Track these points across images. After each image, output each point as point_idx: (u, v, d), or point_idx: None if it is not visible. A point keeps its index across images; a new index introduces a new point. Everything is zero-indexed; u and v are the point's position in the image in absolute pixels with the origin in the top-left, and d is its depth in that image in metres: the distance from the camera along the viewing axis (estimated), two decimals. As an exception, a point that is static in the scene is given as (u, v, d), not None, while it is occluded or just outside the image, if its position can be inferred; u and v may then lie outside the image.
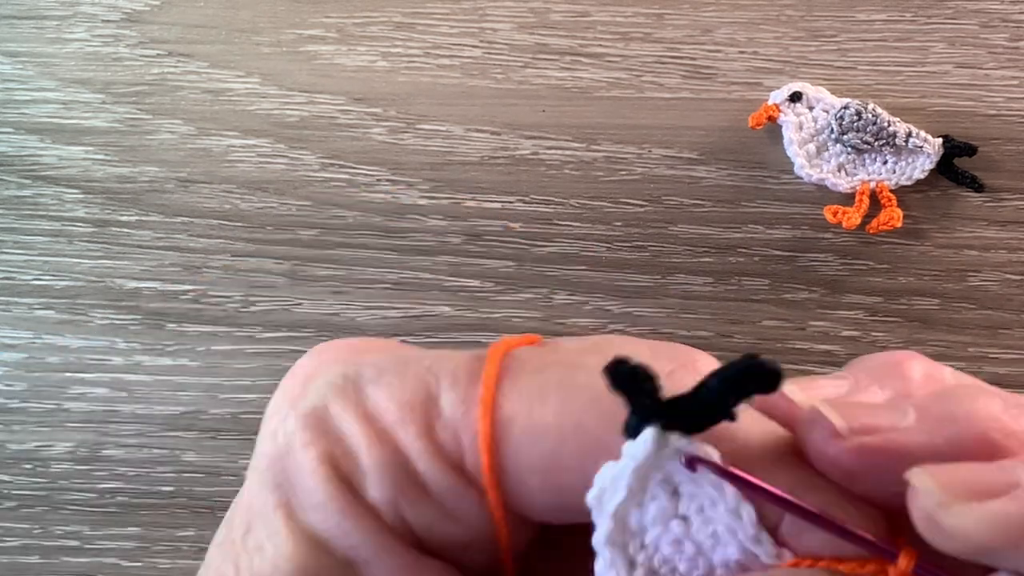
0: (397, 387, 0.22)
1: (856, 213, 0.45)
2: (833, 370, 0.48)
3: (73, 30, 0.47)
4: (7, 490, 0.49)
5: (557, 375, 0.22)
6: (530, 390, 0.22)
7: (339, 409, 0.22)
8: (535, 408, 0.21)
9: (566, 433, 0.21)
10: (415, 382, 0.22)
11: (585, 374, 0.21)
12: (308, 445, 0.22)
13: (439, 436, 0.22)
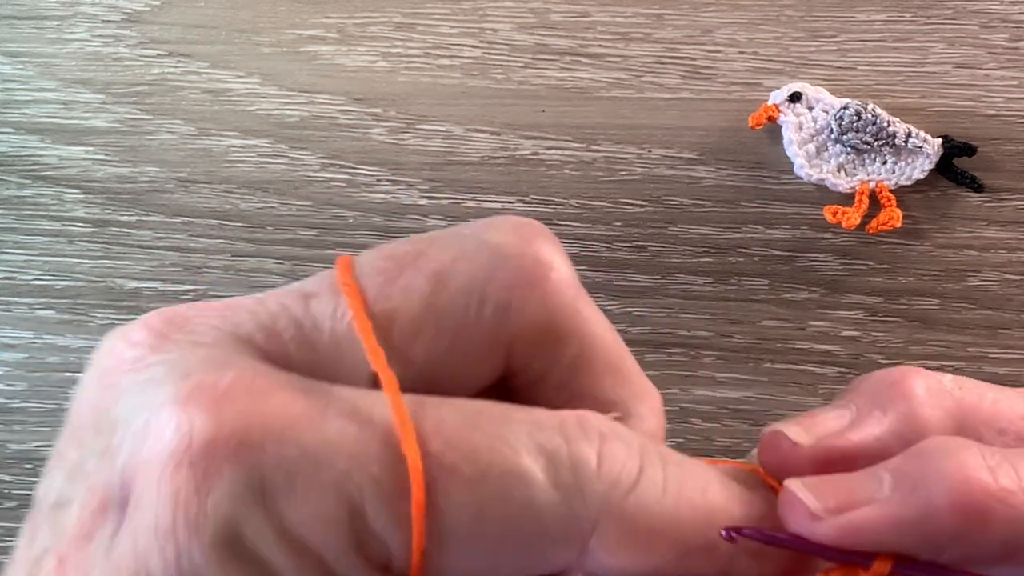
0: (316, 501, 0.20)
1: (856, 213, 0.46)
2: (833, 370, 0.49)
3: (73, 30, 0.47)
4: (8, 490, 0.49)
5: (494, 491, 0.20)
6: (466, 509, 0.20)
7: (255, 532, 0.20)
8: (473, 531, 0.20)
9: (505, 553, 0.21)
10: (335, 493, 0.20)
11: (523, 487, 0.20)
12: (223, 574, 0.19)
13: (368, 549, 0.20)
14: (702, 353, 0.48)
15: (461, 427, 0.21)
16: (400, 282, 0.22)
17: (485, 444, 0.21)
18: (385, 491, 0.20)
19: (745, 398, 0.48)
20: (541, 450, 0.21)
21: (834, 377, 0.48)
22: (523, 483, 0.20)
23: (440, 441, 0.20)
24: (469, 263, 0.22)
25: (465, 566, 0.21)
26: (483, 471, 0.20)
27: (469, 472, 0.20)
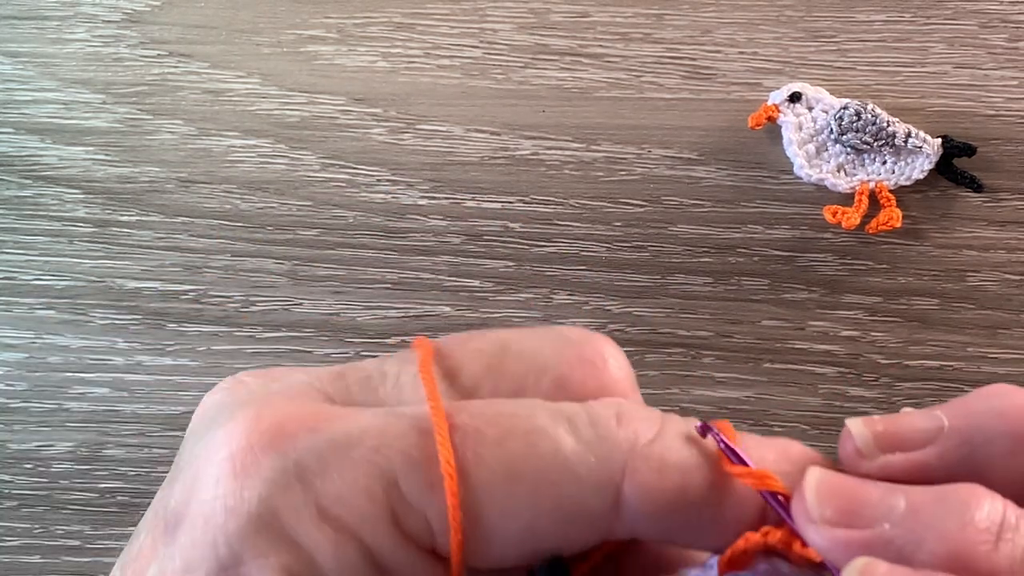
0: (349, 476, 0.21)
1: (855, 213, 0.46)
2: (832, 370, 0.49)
3: (74, 30, 0.47)
4: (8, 490, 0.49)
5: (519, 447, 0.21)
6: (497, 469, 0.21)
7: (289, 511, 0.20)
8: (508, 488, 0.21)
9: (542, 510, 0.21)
10: (368, 468, 0.21)
11: (547, 439, 0.21)
12: (261, 557, 0.20)
13: (405, 523, 0.21)
14: (702, 353, 0.48)
15: (486, 405, 0.22)
16: (469, 345, 0.24)
17: (507, 411, 0.22)
18: (414, 459, 0.21)
19: (745, 398, 0.48)
20: (560, 414, 0.22)
21: (834, 377, 0.48)
22: (547, 437, 0.21)
23: (467, 415, 0.21)
24: (536, 338, 0.24)
25: (505, 530, 0.21)
26: (507, 430, 0.21)
27: (494, 433, 0.21)
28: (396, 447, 0.21)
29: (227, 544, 0.20)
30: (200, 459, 0.22)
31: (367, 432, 0.21)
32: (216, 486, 0.21)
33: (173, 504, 0.22)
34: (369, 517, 0.21)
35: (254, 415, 0.22)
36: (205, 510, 0.21)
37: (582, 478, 0.21)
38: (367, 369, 0.24)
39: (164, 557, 0.21)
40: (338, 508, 0.21)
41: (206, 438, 0.22)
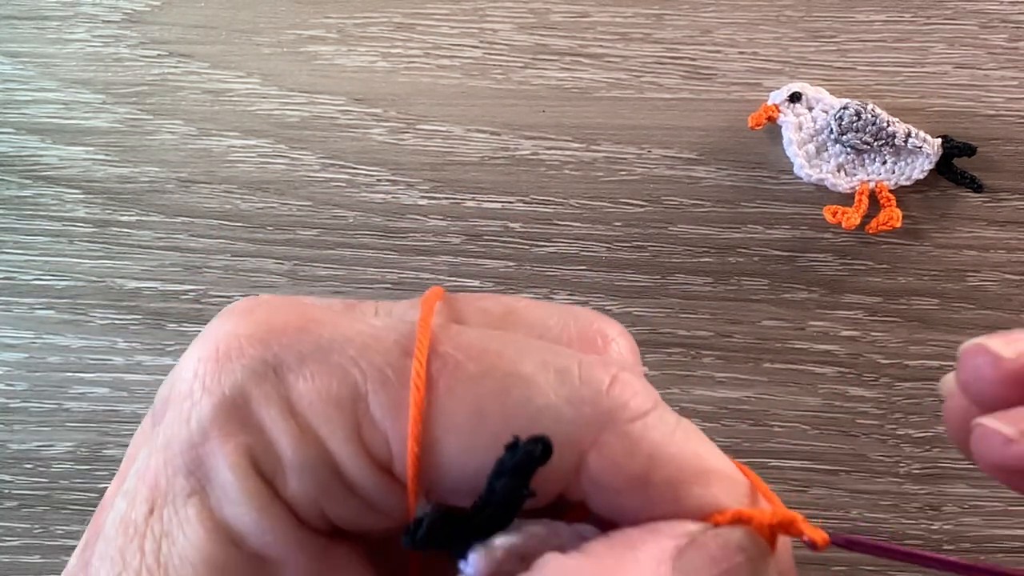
0: (322, 380, 0.21)
1: (855, 213, 0.46)
2: (832, 370, 0.49)
3: (74, 30, 0.47)
4: (8, 490, 0.49)
5: (494, 387, 0.21)
6: (466, 404, 0.21)
7: (260, 399, 0.21)
8: (471, 428, 0.21)
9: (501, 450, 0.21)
10: (341, 376, 0.21)
11: (523, 387, 0.21)
12: (226, 436, 0.21)
13: (367, 437, 0.21)
14: (702, 353, 0.48)
15: (477, 338, 0.22)
16: (477, 303, 0.24)
17: (494, 350, 0.21)
18: (387, 378, 0.21)
19: (745, 398, 0.48)
20: (549, 364, 0.21)
21: (833, 377, 0.48)
22: (524, 384, 0.21)
23: (451, 345, 0.21)
24: (542, 309, 0.24)
25: (462, 466, 0.21)
26: (486, 370, 0.21)
27: (473, 369, 0.21)
28: (374, 362, 0.21)
29: (198, 421, 0.21)
30: (191, 347, 0.23)
31: (351, 341, 0.21)
32: (198, 366, 0.22)
33: (164, 391, 0.23)
34: (333, 423, 0.21)
35: (248, 312, 0.22)
36: (184, 389, 0.22)
37: (550, 433, 0.20)
38: (376, 303, 0.24)
39: (151, 437, 0.23)
40: (305, 407, 0.21)
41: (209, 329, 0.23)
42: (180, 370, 0.22)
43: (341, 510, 0.21)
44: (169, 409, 0.22)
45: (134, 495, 0.22)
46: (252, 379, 0.21)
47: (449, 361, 0.21)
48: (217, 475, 0.21)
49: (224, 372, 0.22)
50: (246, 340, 0.22)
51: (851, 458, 0.48)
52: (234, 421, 0.21)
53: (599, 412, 0.21)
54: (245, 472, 0.21)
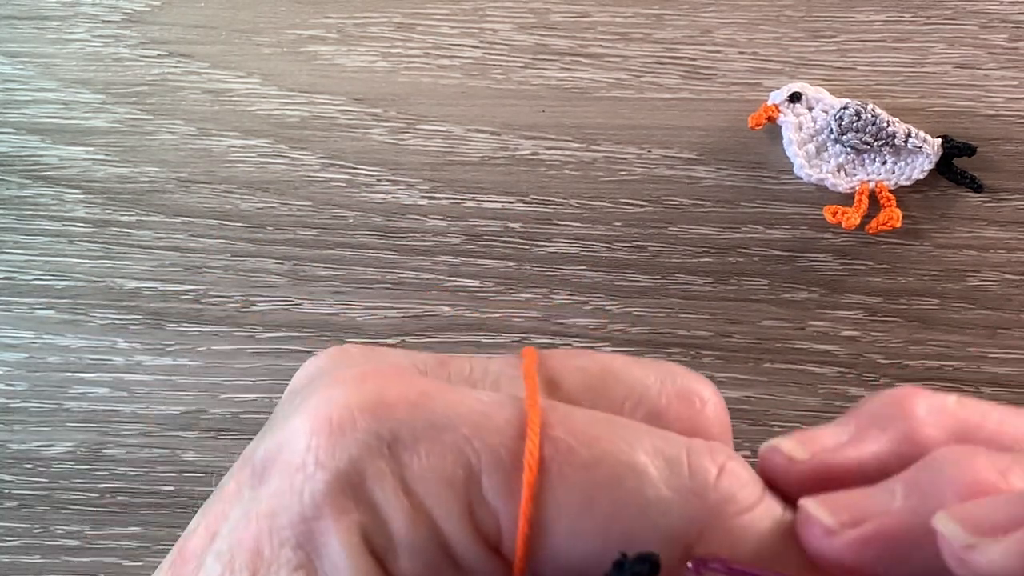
0: (436, 458, 0.21)
1: (855, 213, 0.46)
2: (832, 370, 0.49)
3: (74, 30, 0.47)
4: (8, 490, 0.49)
5: (606, 476, 0.21)
6: (576, 492, 0.21)
7: (375, 476, 0.21)
8: (581, 513, 0.21)
9: (610, 542, 0.21)
10: (455, 455, 0.21)
11: (635, 477, 0.21)
12: (340, 513, 0.21)
13: (478, 517, 0.21)
14: (702, 353, 0.48)
15: (586, 422, 0.22)
16: (573, 362, 0.24)
17: (605, 436, 0.21)
18: (501, 460, 0.21)
19: (745, 398, 0.48)
20: (660, 453, 0.21)
21: (833, 377, 0.48)
22: (636, 474, 0.21)
23: (563, 429, 0.21)
24: (640, 367, 0.24)
25: (569, 551, 0.21)
26: (598, 457, 0.21)
27: (585, 456, 0.21)
28: (488, 442, 0.21)
29: (312, 495, 0.21)
30: (298, 414, 0.22)
31: (465, 419, 0.21)
32: (311, 439, 0.22)
33: (263, 453, 0.22)
34: (446, 502, 0.21)
35: (359, 380, 0.22)
36: (297, 461, 0.21)
37: (658, 526, 0.21)
38: (471, 362, 0.24)
39: (250, 500, 0.22)
40: (419, 485, 0.21)
41: (307, 396, 0.23)
42: (289, 438, 0.22)
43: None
44: (274, 476, 0.22)
45: (231, 559, 0.22)
46: (367, 455, 0.21)
47: (562, 446, 0.21)
48: (328, 551, 0.21)
49: (339, 446, 0.21)
50: (359, 413, 0.22)
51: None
52: (348, 497, 0.21)
53: (707, 506, 0.21)
54: (358, 550, 0.21)
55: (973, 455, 0.22)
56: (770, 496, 0.22)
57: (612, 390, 0.23)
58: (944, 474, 0.21)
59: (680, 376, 0.24)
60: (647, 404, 0.23)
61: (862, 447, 0.23)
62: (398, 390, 0.22)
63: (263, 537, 0.21)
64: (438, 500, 0.21)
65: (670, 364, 0.24)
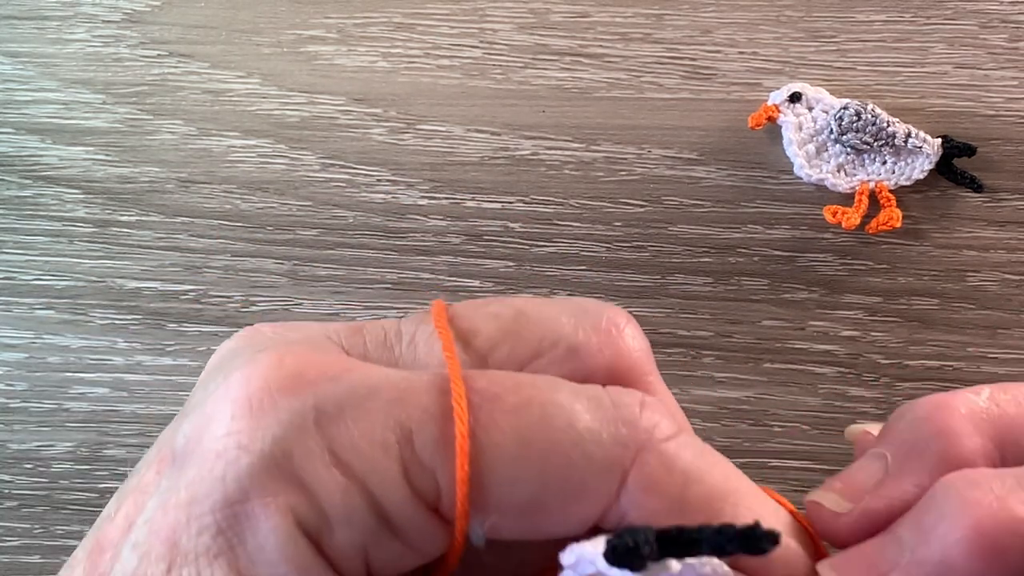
0: (364, 426, 0.21)
1: (855, 213, 0.46)
2: (832, 370, 0.49)
3: (74, 31, 0.47)
4: (8, 490, 0.49)
5: (536, 417, 0.21)
6: (509, 435, 0.21)
7: (303, 454, 0.21)
8: (517, 457, 0.21)
9: (549, 482, 0.21)
10: (384, 419, 0.21)
11: (564, 414, 0.21)
12: (268, 496, 0.20)
13: (414, 479, 0.21)
14: (702, 353, 0.48)
15: (507, 375, 0.22)
16: (485, 309, 0.24)
17: (527, 383, 0.22)
18: (432, 415, 0.21)
19: (745, 398, 0.48)
20: (582, 393, 0.22)
21: (834, 377, 0.48)
22: (564, 411, 0.21)
23: (486, 380, 0.21)
24: (553, 306, 0.24)
25: (511, 497, 0.21)
26: (526, 400, 0.21)
27: (511, 400, 0.21)
28: (414, 401, 0.21)
29: (236, 480, 0.20)
30: (214, 397, 0.22)
31: (387, 386, 0.21)
32: (231, 423, 0.21)
33: (182, 440, 0.22)
34: (380, 468, 0.21)
35: (275, 359, 0.22)
36: (217, 447, 0.21)
37: (593, 456, 0.21)
38: (384, 327, 0.24)
39: (167, 489, 0.21)
40: (350, 455, 0.21)
41: (221, 378, 0.22)
42: (206, 424, 0.22)
43: (383, 555, 0.21)
44: (193, 463, 0.21)
45: (147, 551, 0.21)
46: (291, 433, 0.21)
47: (487, 395, 0.21)
48: (254, 536, 0.20)
49: (261, 427, 0.21)
50: (278, 392, 0.21)
51: (851, 458, 0.48)
52: (275, 479, 0.20)
53: (636, 432, 0.21)
54: (287, 533, 0.20)
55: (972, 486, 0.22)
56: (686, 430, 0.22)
57: (528, 332, 0.23)
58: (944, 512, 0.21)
59: (592, 308, 0.24)
60: (566, 340, 0.23)
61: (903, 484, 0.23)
62: (316, 366, 0.22)
63: (180, 527, 0.21)
64: (372, 466, 0.21)
65: (580, 299, 0.24)
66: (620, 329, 0.24)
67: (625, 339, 0.24)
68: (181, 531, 0.21)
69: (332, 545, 0.21)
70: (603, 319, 0.24)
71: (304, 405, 0.21)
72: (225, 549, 0.20)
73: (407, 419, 0.21)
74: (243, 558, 0.20)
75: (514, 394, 0.21)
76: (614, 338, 0.23)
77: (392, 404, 0.21)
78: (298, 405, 0.21)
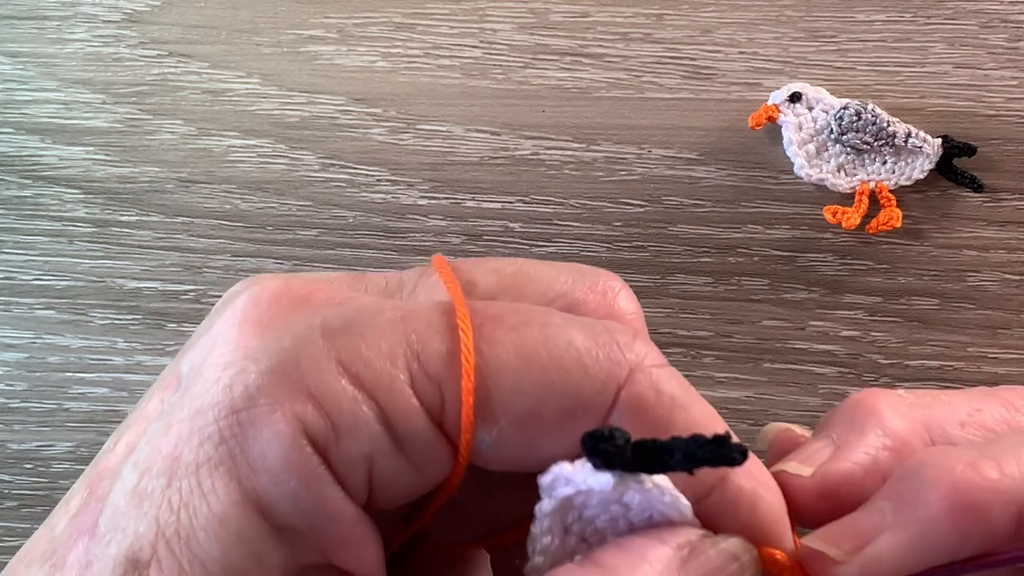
0: (374, 337, 0.21)
1: (856, 213, 0.46)
2: (832, 370, 0.49)
3: (74, 30, 0.47)
4: (8, 490, 0.49)
5: (535, 335, 0.22)
6: (512, 348, 0.22)
7: (311, 365, 0.21)
8: (519, 367, 0.21)
9: (548, 395, 0.22)
10: (391, 333, 0.21)
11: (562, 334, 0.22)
12: (276, 404, 0.20)
13: (419, 390, 0.21)
14: (702, 353, 0.48)
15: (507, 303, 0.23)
16: (487, 265, 0.24)
17: (525, 308, 0.22)
18: (437, 330, 0.21)
19: (745, 398, 0.48)
20: (577, 321, 0.22)
21: (834, 377, 0.48)
22: (562, 331, 0.22)
23: (485, 304, 0.22)
24: (551, 267, 0.24)
25: (512, 410, 0.22)
26: (524, 320, 0.22)
27: (513, 321, 0.22)
28: (420, 319, 0.21)
29: (244, 388, 0.21)
30: (220, 321, 0.22)
31: (392, 306, 0.22)
32: (239, 338, 0.21)
33: (187, 367, 0.22)
34: (388, 378, 0.21)
35: (283, 283, 0.22)
36: (225, 359, 0.21)
37: (589, 370, 0.22)
38: (386, 276, 0.24)
39: (171, 408, 0.21)
40: (359, 366, 0.21)
41: (227, 307, 0.22)
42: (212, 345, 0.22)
43: (387, 471, 0.21)
44: (197, 383, 0.21)
45: (147, 466, 0.21)
46: (300, 343, 0.21)
47: (489, 314, 0.22)
48: (256, 443, 0.20)
49: (271, 339, 0.21)
50: (288, 308, 0.22)
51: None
52: (283, 388, 0.21)
53: (629, 354, 0.22)
54: (292, 440, 0.20)
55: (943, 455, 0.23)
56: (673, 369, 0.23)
57: (527, 288, 0.24)
58: (923, 481, 0.23)
59: (589, 272, 0.25)
60: (563, 298, 0.24)
61: (853, 451, 0.25)
62: (323, 292, 0.22)
63: (182, 440, 0.21)
64: (380, 377, 0.21)
65: (578, 264, 0.25)
66: (615, 292, 0.24)
67: (620, 301, 0.24)
68: (183, 444, 0.21)
69: (338, 455, 0.21)
70: (599, 282, 0.24)
71: (312, 319, 0.21)
72: (226, 458, 0.20)
73: (413, 333, 0.21)
74: (243, 466, 0.20)
75: (514, 316, 0.22)
76: (609, 300, 0.24)
77: (398, 321, 0.21)
78: (306, 319, 0.21)
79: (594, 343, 0.22)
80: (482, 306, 0.22)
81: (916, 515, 0.22)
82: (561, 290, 0.24)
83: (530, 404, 0.21)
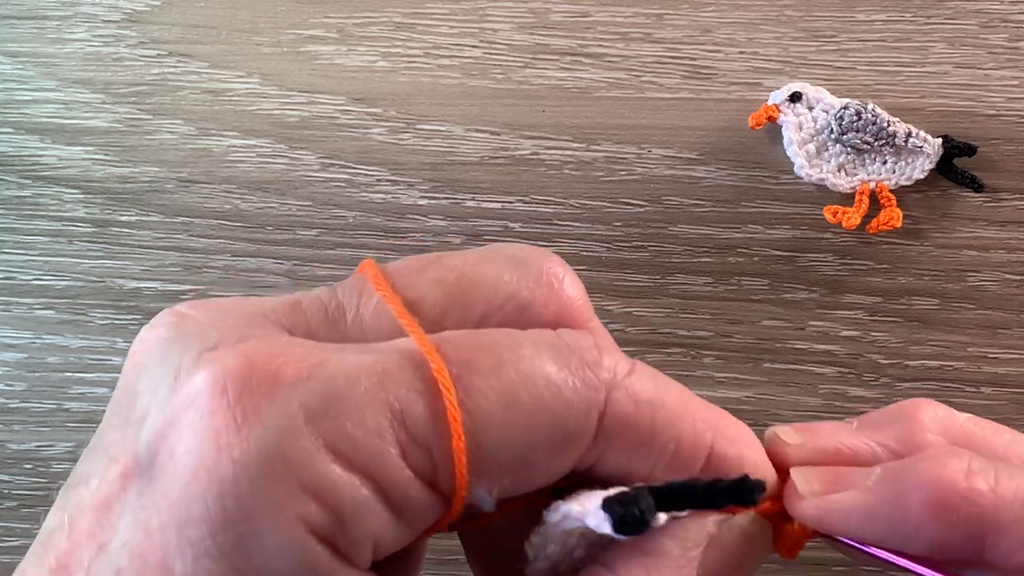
0: (356, 416, 0.20)
1: (856, 213, 0.46)
2: (832, 370, 0.49)
3: (73, 30, 0.47)
4: (8, 490, 0.49)
5: (513, 379, 0.21)
6: (495, 395, 0.21)
7: (303, 458, 0.20)
8: (505, 412, 0.21)
9: (536, 437, 0.21)
10: (374, 405, 0.20)
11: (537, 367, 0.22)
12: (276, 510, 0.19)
13: (410, 457, 0.21)
14: (702, 353, 0.48)
15: (468, 335, 0.22)
16: (426, 275, 0.23)
17: (490, 340, 0.22)
18: (417, 392, 0.21)
19: (745, 398, 0.48)
20: (543, 343, 0.22)
21: (834, 377, 0.48)
22: (535, 365, 0.22)
23: (452, 346, 0.21)
24: (490, 263, 0.24)
25: (501, 459, 0.21)
26: (499, 360, 0.21)
27: (486, 363, 0.21)
28: (396, 382, 0.21)
29: (235, 498, 0.19)
30: (177, 401, 0.21)
31: (363, 371, 0.21)
32: (214, 435, 0.20)
33: (144, 448, 0.21)
34: (380, 455, 0.20)
35: (243, 360, 0.20)
36: (204, 462, 0.20)
37: (571, 403, 0.22)
38: (322, 299, 0.23)
39: (143, 507, 0.20)
40: (349, 448, 0.20)
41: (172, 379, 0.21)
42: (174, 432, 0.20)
43: (388, 537, 0.21)
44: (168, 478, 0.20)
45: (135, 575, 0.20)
46: (285, 437, 0.20)
47: (460, 362, 0.21)
48: (262, 555, 0.19)
49: (250, 437, 0.20)
50: (261, 396, 0.20)
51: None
52: (280, 489, 0.19)
53: (602, 374, 0.22)
54: (303, 546, 0.20)
55: (954, 455, 0.23)
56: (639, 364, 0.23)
57: (474, 295, 0.23)
58: (918, 466, 0.23)
59: (528, 259, 0.24)
60: (512, 300, 0.23)
61: (857, 438, 0.25)
62: (289, 364, 0.21)
63: (171, 552, 0.20)
64: (372, 454, 0.20)
65: (509, 248, 0.24)
66: (560, 280, 0.24)
67: (566, 290, 0.24)
68: (174, 556, 0.20)
69: (345, 541, 0.20)
70: (543, 272, 0.24)
71: (290, 407, 0.20)
72: (229, 572, 0.19)
73: (394, 399, 0.21)
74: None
75: (485, 355, 0.21)
76: (556, 291, 0.24)
77: (377, 388, 0.21)
78: (284, 408, 0.20)
79: (569, 372, 0.22)
80: (452, 350, 0.21)
81: (891, 490, 0.23)
82: (508, 291, 0.23)
83: (520, 451, 0.21)
